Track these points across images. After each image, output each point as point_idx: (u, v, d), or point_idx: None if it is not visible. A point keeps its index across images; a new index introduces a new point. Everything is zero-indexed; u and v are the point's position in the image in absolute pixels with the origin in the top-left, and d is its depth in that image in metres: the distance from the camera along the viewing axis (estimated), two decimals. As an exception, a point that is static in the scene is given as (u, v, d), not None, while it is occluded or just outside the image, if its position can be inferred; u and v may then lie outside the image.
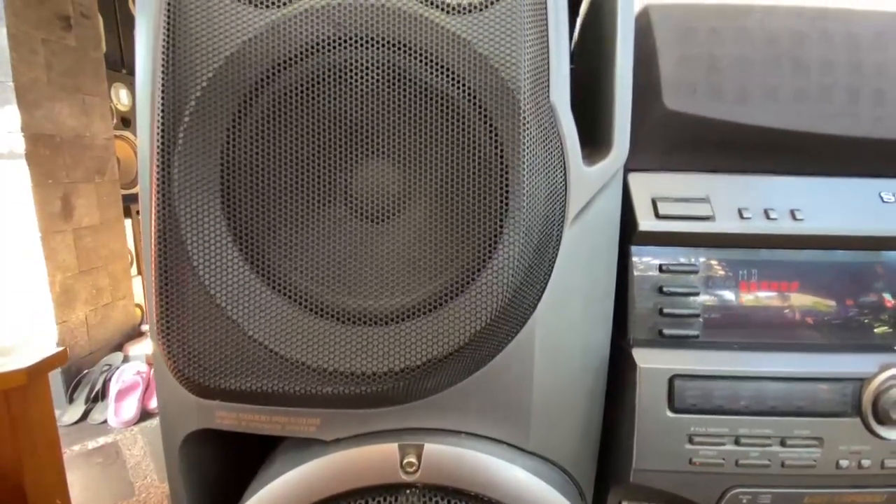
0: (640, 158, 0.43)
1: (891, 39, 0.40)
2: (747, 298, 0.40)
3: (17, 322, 1.78)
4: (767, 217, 0.40)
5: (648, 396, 0.40)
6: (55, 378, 1.81)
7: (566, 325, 0.37)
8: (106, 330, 2.08)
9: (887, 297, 0.41)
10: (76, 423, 1.81)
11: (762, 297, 0.40)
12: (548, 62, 0.34)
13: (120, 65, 2.15)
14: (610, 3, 0.37)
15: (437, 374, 0.36)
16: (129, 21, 2.14)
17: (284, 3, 0.33)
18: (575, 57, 0.44)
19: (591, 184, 0.36)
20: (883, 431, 0.40)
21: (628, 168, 0.43)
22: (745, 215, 0.39)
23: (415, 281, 0.36)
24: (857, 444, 0.40)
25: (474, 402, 0.36)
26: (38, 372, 0.83)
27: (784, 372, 0.40)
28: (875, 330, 0.41)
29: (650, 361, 0.40)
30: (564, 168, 0.35)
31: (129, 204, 2.19)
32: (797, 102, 0.40)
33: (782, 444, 0.40)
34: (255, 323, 0.35)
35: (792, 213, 0.40)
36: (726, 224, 0.39)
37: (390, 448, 0.34)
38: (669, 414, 0.40)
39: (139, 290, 2.21)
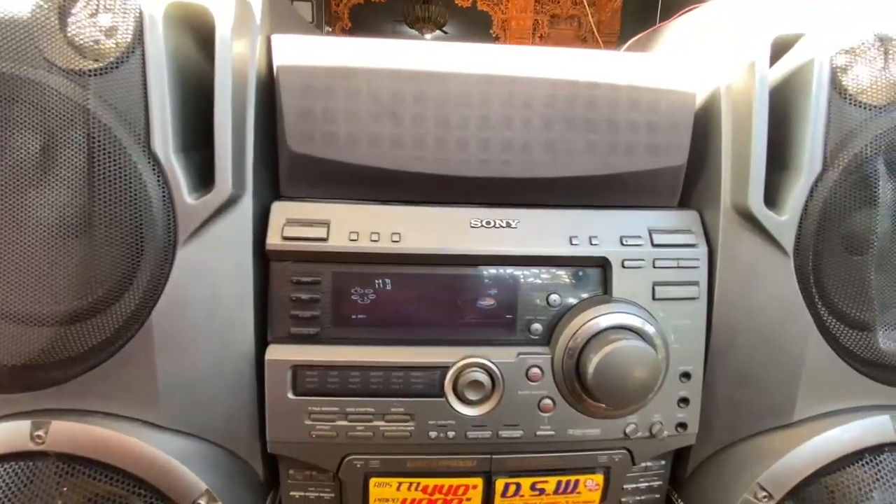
0: (290, 189, 0.52)
1: (473, 97, 0.50)
2: (359, 304, 0.50)
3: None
4: (371, 239, 0.49)
5: (275, 382, 0.49)
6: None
7: (191, 326, 0.47)
8: None
9: (470, 302, 0.51)
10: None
11: (372, 302, 0.50)
12: (147, 119, 0.43)
13: None
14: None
15: (82, 364, 0.45)
16: None
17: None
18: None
19: (198, 214, 0.45)
20: (461, 409, 0.50)
21: (283, 196, 0.53)
22: (352, 237, 0.49)
23: (87, 291, 0.45)
24: (442, 420, 0.50)
25: (107, 387, 0.46)
26: None
27: (383, 362, 0.50)
28: (460, 328, 0.51)
29: (278, 355, 0.49)
30: (171, 201, 0.45)
31: None
32: (395, 148, 0.50)
33: (382, 419, 0.50)
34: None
35: (391, 235, 0.50)
36: (337, 244, 0.49)
37: (24, 424, 0.43)
38: (291, 396, 0.49)
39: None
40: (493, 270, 0.51)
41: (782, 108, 0.50)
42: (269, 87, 0.50)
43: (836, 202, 0.49)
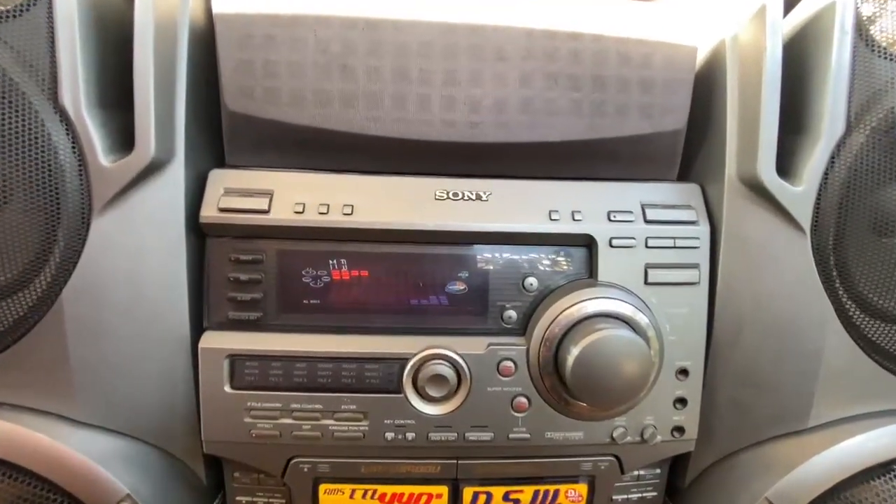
0: (234, 156, 0.47)
1: (436, 48, 0.43)
2: (306, 285, 0.44)
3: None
4: (319, 212, 0.43)
5: (210, 374, 0.43)
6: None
7: (110, 308, 0.41)
8: None
9: (434, 285, 0.44)
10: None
11: (320, 284, 0.44)
12: (55, 69, 0.38)
13: None
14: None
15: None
16: None
17: None
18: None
19: (115, 178, 0.39)
20: (422, 407, 0.44)
21: (227, 165, 0.47)
22: (297, 209, 0.43)
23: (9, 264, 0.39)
24: (400, 419, 0.44)
25: (16, 376, 0.40)
26: None
27: (333, 352, 0.44)
28: (422, 314, 0.45)
29: (213, 343, 0.43)
30: (84, 162, 0.39)
31: None
32: (347, 106, 0.43)
33: (332, 417, 0.44)
34: None
35: (343, 207, 0.43)
36: (280, 217, 0.43)
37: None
38: (228, 390, 0.43)
39: None
40: (460, 249, 0.44)
41: (798, 61, 0.43)
42: (210, 40, 0.45)
43: (861, 170, 0.42)
